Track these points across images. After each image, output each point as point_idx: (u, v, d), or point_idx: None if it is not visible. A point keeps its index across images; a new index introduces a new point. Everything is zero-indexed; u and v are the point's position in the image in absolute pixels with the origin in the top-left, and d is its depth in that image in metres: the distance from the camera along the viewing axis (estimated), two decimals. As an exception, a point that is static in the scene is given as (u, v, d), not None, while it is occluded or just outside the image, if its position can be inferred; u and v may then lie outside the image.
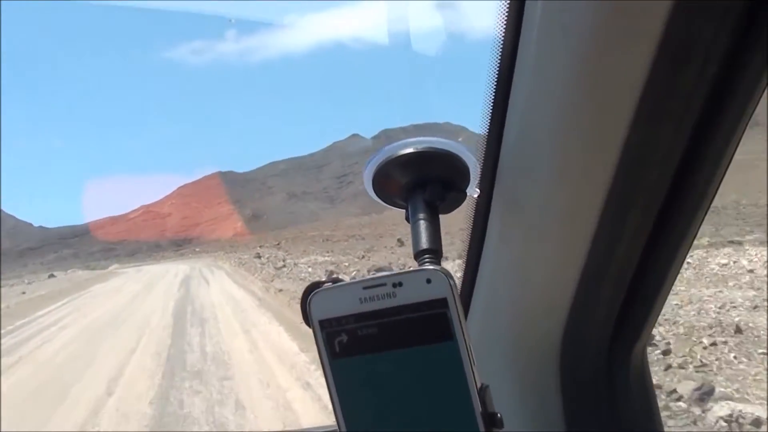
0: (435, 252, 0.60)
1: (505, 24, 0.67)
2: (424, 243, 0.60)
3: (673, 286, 0.76)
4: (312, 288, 0.55)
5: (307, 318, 0.54)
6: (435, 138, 0.64)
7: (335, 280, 0.55)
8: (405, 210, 0.67)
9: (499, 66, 0.70)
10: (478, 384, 0.51)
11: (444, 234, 0.63)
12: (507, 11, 0.66)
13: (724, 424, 4.35)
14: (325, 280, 0.55)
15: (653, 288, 0.75)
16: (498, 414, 0.51)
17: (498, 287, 0.85)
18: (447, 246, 0.67)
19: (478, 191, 0.71)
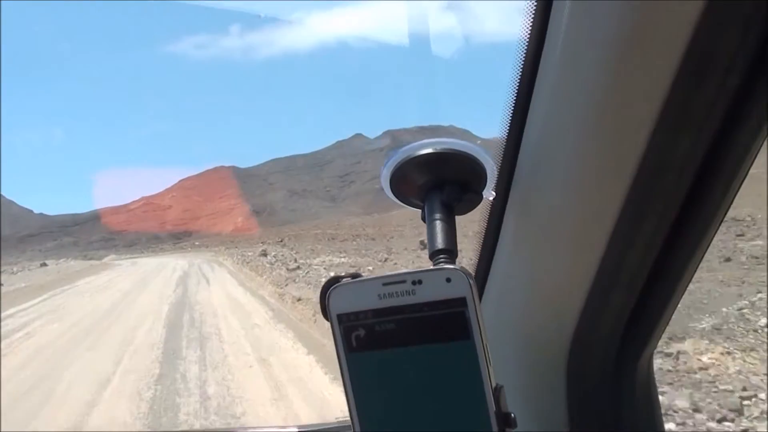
0: (450, 252, 0.60)
1: (531, 28, 0.67)
2: (439, 243, 0.61)
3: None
4: (331, 282, 0.55)
5: (326, 311, 0.55)
6: (453, 139, 0.65)
7: (354, 275, 0.56)
8: (421, 210, 0.67)
9: (522, 69, 0.70)
10: (493, 384, 0.51)
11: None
12: (533, 15, 0.66)
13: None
14: (345, 275, 0.56)
15: (663, 297, 0.75)
16: (512, 414, 0.52)
17: (509, 290, 0.86)
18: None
19: (493, 194, 0.72)
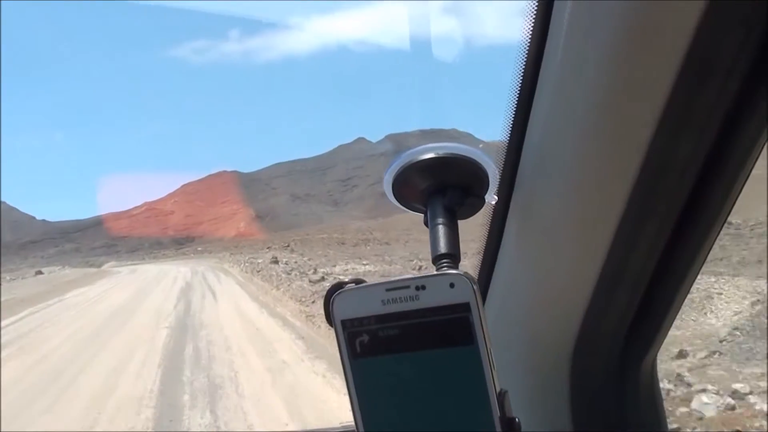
0: (453, 257, 0.60)
1: (532, 29, 0.67)
2: (442, 247, 0.61)
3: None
4: (335, 288, 0.55)
5: (330, 317, 0.55)
6: (455, 144, 0.65)
7: (358, 281, 0.55)
8: (424, 214, 0.67)
9: (523, 71, 0.70)
10: (497, 389, 0.51)
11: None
12: (534, 17, 0.66)
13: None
14: (348, 281, 0.56)
15: (667, 298, 0.75)
16: (516, 419, 0.52)
17: (512, 294, 0.86)
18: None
19: (496, 197, 0.73)
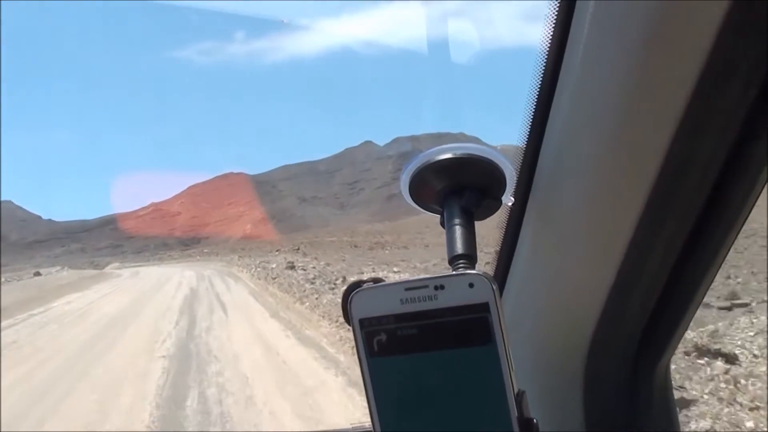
0: (470, 257, 0.60)
1: (552, 31, 0.66)
2: (459, 248, 0.61)
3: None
4: (353, 287, 0.55)
5: (347, 316, 0.55)
6: (472, 144, 0.65)
7: (376, 280, 0.56)
8: (440, 215, 0.67)
9: (543, 73, 0.70)
10: (515, 389, 0.51)
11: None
12: (554, 19, 0.66)
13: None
14: (366, 279, 0.56)
15: (682, 302, 0.74)
16: (534, 420, 0.51)
17: (526, 296, 0.85)
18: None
19: (512, 199, 0.73)
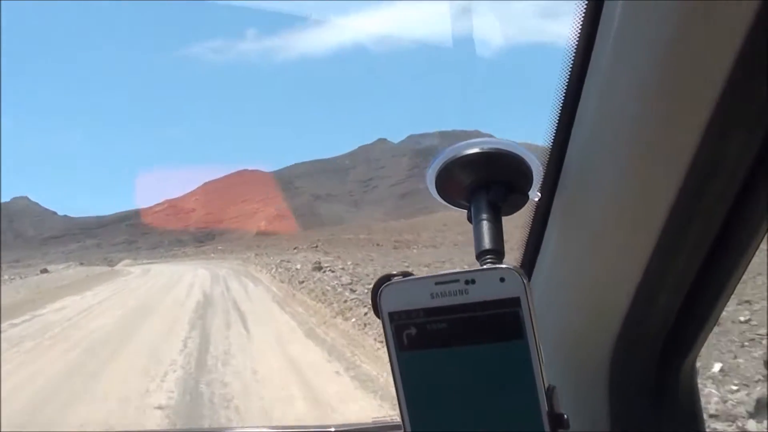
0: (498, 252, 0.60)
1: (580, 29, 0.67)
2: (486, 243, 0.60)
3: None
4: (383, 280, 0.55)
5: (377, 309, 0.55)
6: (498, 139, 0.65)
7: (406, 273, 0.56)
8: (467, 210, 0.66)
9: (570, 71, 0.70)
10: (545, 384, 0.51)
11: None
12: (582, 16, 0.66)
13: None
14: (396, 273, 0.56)
15: (709, 301, 0.74)
16: (565, 415, 0.51)
17: (551, 293, 0.85)
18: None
19: (539, 195, 0.72)
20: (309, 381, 6.59)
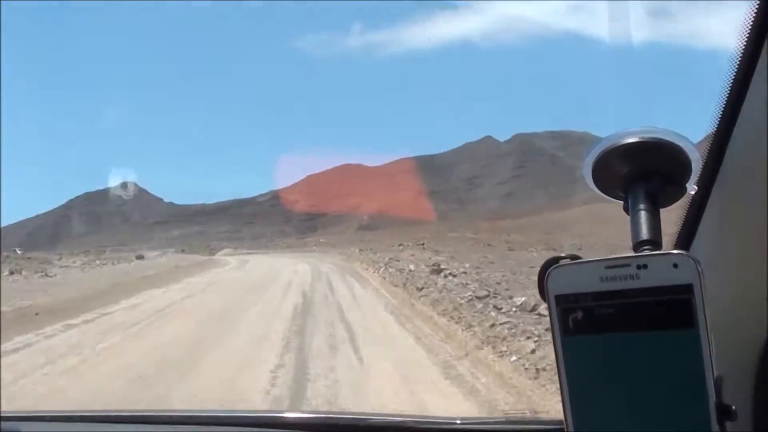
0: (656, 243, 0.58)
1: (747, 35, 0.66)
2: (644, 233, 0.59)
3: None
4: (551, 262, 0.54)
5: (543, 292, 0.54)
6: (657, 128, 0.63)
7: (573, 257, 0.55)
8: (623, 201, 0.65)
9: (736, 71, 0.70)
10: (714, 374, 0.50)
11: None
12: (752, 21, 0.65)
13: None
14: (564, 256, 0.55)
15: None
16: (733, 407, 0.50)
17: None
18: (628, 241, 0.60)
19: (695, 188, 0.70)
20: None
